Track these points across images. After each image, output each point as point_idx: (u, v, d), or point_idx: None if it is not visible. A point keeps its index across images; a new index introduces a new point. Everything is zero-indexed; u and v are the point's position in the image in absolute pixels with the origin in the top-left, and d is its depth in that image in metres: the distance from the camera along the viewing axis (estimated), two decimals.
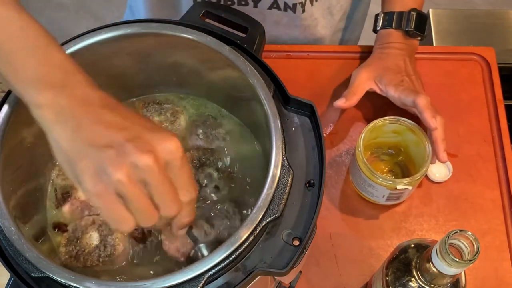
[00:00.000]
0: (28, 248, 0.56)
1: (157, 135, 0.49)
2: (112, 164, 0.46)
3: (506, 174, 0.87)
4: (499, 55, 0.97)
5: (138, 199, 0.48)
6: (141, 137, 0.48)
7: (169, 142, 0.48)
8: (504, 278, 0.80)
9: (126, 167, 0.46)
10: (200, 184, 0.71)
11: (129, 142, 0.47)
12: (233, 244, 0.56)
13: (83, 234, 0.68)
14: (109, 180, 0.46)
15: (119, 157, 0.47)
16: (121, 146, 0.47)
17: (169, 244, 0.66)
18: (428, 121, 0.79)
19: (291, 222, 0.60)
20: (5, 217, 0.58)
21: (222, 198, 0.71)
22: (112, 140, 0.47)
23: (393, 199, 0.82)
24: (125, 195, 0.47)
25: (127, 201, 0.47)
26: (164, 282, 0.54)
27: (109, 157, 0.47)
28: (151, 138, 0.48)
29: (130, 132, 0.48)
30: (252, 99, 0.65)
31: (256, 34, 0.71)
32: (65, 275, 0.55)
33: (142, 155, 0.47)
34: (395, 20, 0.89)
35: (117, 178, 0.46)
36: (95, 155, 0.47)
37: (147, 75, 0.76)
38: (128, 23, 0.68)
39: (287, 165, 0.60)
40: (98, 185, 0.47)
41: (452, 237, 0.56)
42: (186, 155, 0.48)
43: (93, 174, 0.47)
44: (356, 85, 0.87)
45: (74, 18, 2.22)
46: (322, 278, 0.81)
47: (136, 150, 0.47)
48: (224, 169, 0.72)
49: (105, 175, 0.46)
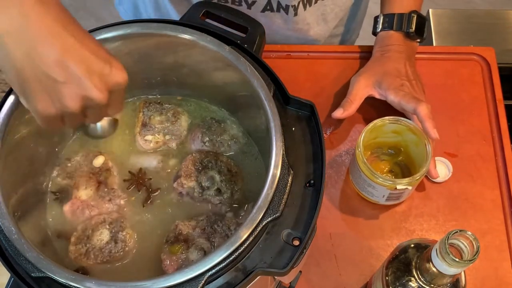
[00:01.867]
0: (28, 248, 0.56)
1: (113, 69, 0.54)
2: (70, 97, 0.52)
3: (506, 174, 0.87)
4: (499, 55, 0.97)
5: (77, 119, 0.56)
6: (99, 71, 0.53)
7: (120, 77, 0.55)
8: (504, 278, 0.80)
9: (81, 100, 0.53)
10: (202, 187, 0.72)
11: (88, 77, 0.52)
12: (233, 244, 0.56)
13: (94, 232, 0.69)
14: (61, 107, 0.53)
15: (76, 92, 0.52)
16: (80, 80, 0.52)
17: (169, 265, 0.67)
18: (430, 132, 0.79)
19: (291, 222, 0.60)
20: (5, 217, 0.58)
21: (224, 201, 0.71)
22: (71, 73, 0.51)
23: (393, 199, 0.82)
24: (69, 116, 0.55)
25: (67, 118, 0.55)
26: (164, 282, 0.54)
27: (67, 90, 0.52)
28: (106, 73, 0.53)
29: (89, 64, 0.52)
30: (252, 99, 0.65)
31: (256, 34, 0.71)
32: (65, 275, 0.55)
33: (98, 92, 0.53)
34: (395, 21, 0.88)
35: (71, 109, 0.53)
36: (52, 83, 0.51)
37: (148, 75, 0.76)
38: (128, 23, 0.68)
39: (287, 165, 0.60)
40: (49, 109, 0.53)
41: (452, 237, 0.56)
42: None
43: (45, 98, 0.52)
44: (354, 93, 0.87)
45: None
46: (322, 278, 0.81)
47: (93, 86, 0.52)
48: (226, 172, 0.72)
49: (59, 103, 0.53)
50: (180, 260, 0.66)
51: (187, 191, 0.72)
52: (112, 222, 0.69)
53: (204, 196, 0.71)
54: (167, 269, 0.66)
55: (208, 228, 0.68)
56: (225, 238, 0.68)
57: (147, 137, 0.75)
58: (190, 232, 0.68)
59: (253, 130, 0.76)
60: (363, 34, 1.14)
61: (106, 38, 0.67)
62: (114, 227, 0.69)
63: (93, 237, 0.68)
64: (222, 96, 0.77)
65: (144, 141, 0.75)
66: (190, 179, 0.71)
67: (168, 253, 0.67)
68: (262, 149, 0.75)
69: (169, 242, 0.68)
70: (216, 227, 0.68)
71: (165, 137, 0.76)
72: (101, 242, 0.68)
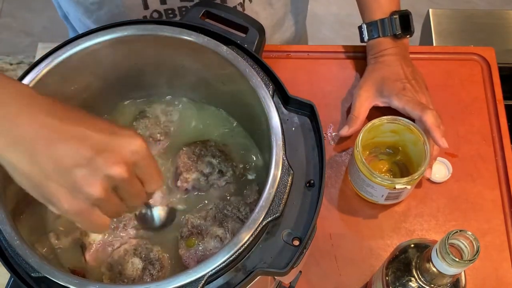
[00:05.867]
0: (30, 253, 0.56)
1: (121, 139, 0.50)
2: (88, 183, 0.48)
3: (506, 174, 0.87)
4: (499, 55, 0.97)
5: (114, 206, 0.51)
6: (106, 146, 0.49)
7: (133, 144, 0.50)
8: (504, 278, 0.80)
9: (101, 183, 0.48)
10: (205, 174, 0.72)
11: (97, 155, 0.48)
12: (236, 244, 0.56)
13: (124, 266, 0.67)
14: (86, 197, 0.48)
15: (92, 175, 0.48)
16: (90, 161, 0.48)
17: (189, 260, 0.67)
18: (438, 141, 0.79)
19: (291, 222, 0.60)
20: (6, 223, 0.58)
21: (229, 179, 0.72)
22: (79, 157, 0.48)
23: (392, 199, 0.82)
24: (101, 204, 0.50)
25: (103, 208, 0.50)
26: (168, 284, 0.54)
27: (81, 177, 0.48)
28: (116, 144, 0.49)
29: (93, 142, 0.48)
30: (252, 99, 0.65)
31: (256, 34, 0.71)
32: (68, 279, 0.55)
33: (113, 167, 0.48)
34: (380, 28, 0.88)
35: (95, 195, 0.48)
36: (65, 176, 0.48)
37: (145, 78, 0.75)
38: (124, 24, 0.68)
39: (287, 165, 0.60)
40: (75, 204, 0.48)
41: (452, 237, 0.56)
42: (149, 150, 0.52)
43: (67, 194, 0.48)
44: (357, 107, 0.86)
45: None
46: (322, 278, 0.81)
47: (107, 163, 0.48)
48: (219, 154, 0.74)
49: (81, 194, 0.48)
50: (199, 252, 0.67)
51: (192, 185, 0.72)
52: (136, 248, 0.68)
53: (210, 182, 0.72)
54: (188, 264, 0.67)
55: (219, 214, 0.69)
56: (237, 220, 0.69)
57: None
58: (202, 222, 0.69)
59: (253, 130, 0.76)
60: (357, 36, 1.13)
61: (102, 41, 0.66)
62: (141, 252, 0.68)
63: (126, 271, 0.67)
64: (220, 97, 0.77)
65: None
66: (191, 172, 0.72)
67: (185, 248, 0.68)
68: (262, 149, 0.75)
69: (184, 237, 0.68)
70: (226, 212, 0.69)
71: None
72: (137, 271, 0.67)
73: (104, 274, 0.68)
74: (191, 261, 0.67)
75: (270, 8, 0.98)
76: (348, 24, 2.17)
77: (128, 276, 0.66)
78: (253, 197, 0.71)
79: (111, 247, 0.69)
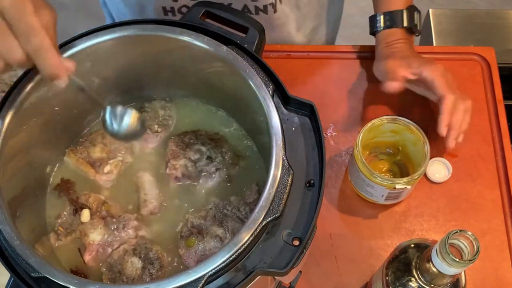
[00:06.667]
0: (30, 253, 0.56)
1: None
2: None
3: (506, 174, 0.87)
4: (499, 55, 0.97)
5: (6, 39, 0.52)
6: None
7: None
8: (504, 278, 0.80)
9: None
10: (193, 160, 0.73)
11: None
12: (236, 244, 0.56)
13: (123, 265, 0.67)
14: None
15: None
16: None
17: (189, 259, 0.67)
18: (440, 125, 0.79)
19: (291, 222, 0.60)
20: (6, 223, 0.58)
21: (218, 165, 0.73)
22: None
23: (392, 199, 0.82)
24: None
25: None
26: (168, 284, 0.54)
27: None
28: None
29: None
30: (252, 99, 0.65)
31: (256, 34, 0.71)
32: (68, 279, 0.55)
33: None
34: (398, 18, 0.88)
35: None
36: None
37: (145, 77, 0.76)
38: (124, 24, 0.68)
39: (287, 165, 0.60)
40: None
41: (452, 237, 0.56)
42: (31, 14, 0.52)
43: None
44: (390, 73, 0.84)
45: (74, 18, 2.22)
46: (322, 278, 0.81)
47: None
48: (209, 141, 0.74)
49: None
50: (199, 252, 0.67)
51: (182, 172, 0.72)
52: (135, 248, 0.68)
53: (198, 168, 0.73)
54: (188, 264, 0.67)
55: (219, 214, 0.69)
56: (237, 220, 0.69)
57: (105, 168, 0.74)
58: (202, 222, 0.69)
59: (253, 130, 0.76)
60: (360, 35, 1.14)
61: (102, 41, 0.66)
62: (141, 251, 0.68)
63: (125, 271, 0.67)
64: (220, 97, 0.77)
65: (106, 175, 0.74)
66: (178, 159, 0.73)
67: (185, 247, 0.68)
68: (262, 149, 0.75)
69: (184, 237, 0.69)
70: (226, 211, 0.69)
71: (118, 157, 0.75)
72: (137, 270, 0.67)
73: (103, 273, 0.68)
74: (191, 261, 0.67)
75: (296, 11, 0.98)
76: (348, 24, 2.16)
77: (128, 275, 0.67)
78: (253, 197, 0.71)
79: (110, 247, 0.69)
